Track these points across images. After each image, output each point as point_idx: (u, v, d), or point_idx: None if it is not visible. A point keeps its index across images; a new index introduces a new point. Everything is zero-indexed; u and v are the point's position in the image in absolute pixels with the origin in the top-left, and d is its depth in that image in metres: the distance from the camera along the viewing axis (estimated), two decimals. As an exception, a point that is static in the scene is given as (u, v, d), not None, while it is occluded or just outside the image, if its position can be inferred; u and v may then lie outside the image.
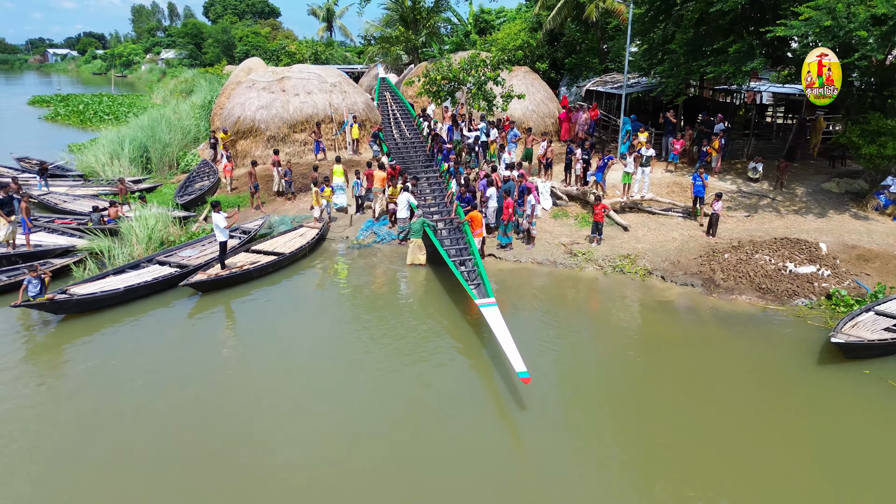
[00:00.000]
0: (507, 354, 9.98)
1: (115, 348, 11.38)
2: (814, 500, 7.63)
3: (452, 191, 17.02)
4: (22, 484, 7.83)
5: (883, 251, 14.72)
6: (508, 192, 16.14)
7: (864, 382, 10.17)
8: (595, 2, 30.55)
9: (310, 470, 8.14)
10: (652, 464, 8.36)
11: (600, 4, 29.99)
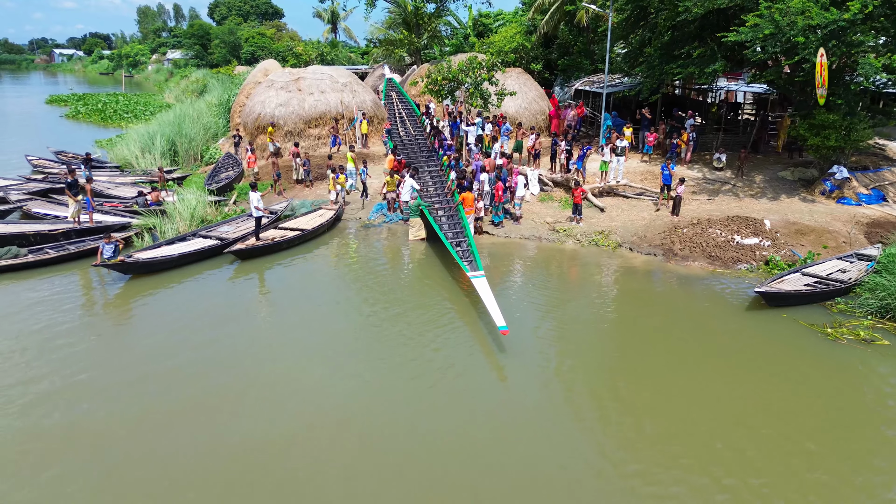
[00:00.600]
0: (491, 312, 12.24)
1: (171, 301, 13.95)
2: (737, 406, 10.08)
3: (451, 181, 19.50)
4: (99, 395, 10.37)
5: (819, 227, 17.26)
6: (500, 178, 18.69)
7: (781, 322, 12.71)
8: (584, 8, 33.12)
9: (329, 398, 10.69)
10: (611, 391, 10.91)
11: (589, 10, 32.49)
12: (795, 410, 9.76)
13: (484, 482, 8.11)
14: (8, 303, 13.59)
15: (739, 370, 10.99)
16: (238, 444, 8.86)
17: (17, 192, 21.05)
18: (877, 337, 11.92)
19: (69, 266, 15.76)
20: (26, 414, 9.49)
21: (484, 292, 13.04)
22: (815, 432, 9.18)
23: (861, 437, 9.13)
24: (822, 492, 7.97)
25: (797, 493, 7.92)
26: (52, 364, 10.95)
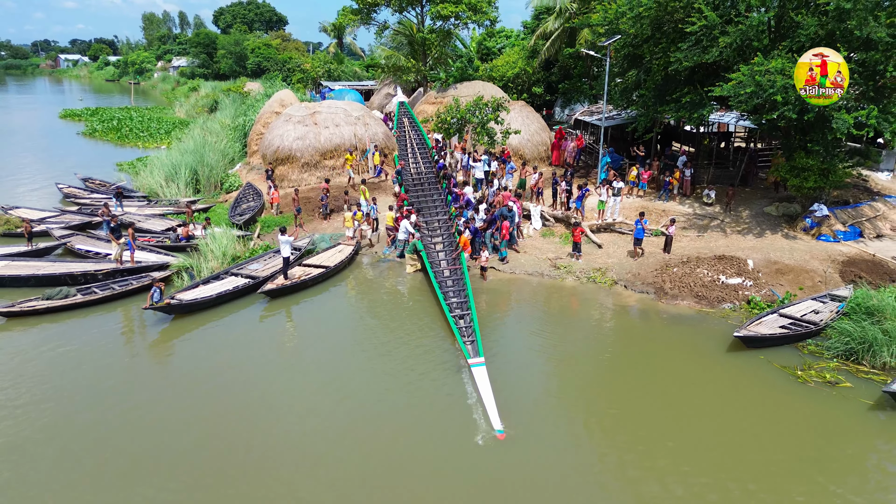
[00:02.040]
0: (487, 410, 12.02)
1: (210, 339, 15.61)
2: (715, 436, 11.71)
3: (459, 242, 19.80)
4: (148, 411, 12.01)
5: (797, 266, 18.87)
6: (505, 217, 20.33)
7: (757, 364, 14.31)
8: (584, 36, 34.75)
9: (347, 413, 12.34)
10: (600, 415, 12.55)
11: (588, 38, 34.05)
12: (751, 447, 11.36)
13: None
14: (66, 339, 15.25)
15: (712, 411, 12.60)
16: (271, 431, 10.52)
17: (56, 225, 22.72)
18: (840, 379, 13.52)
19: (115, 304, 17.40)
20: (114, 419, 11.14)
21: (482, 385, 12.72)
22: (757, 470, 10.75)
23: (794, 481, 10.66)
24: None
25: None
26: (112, 390, 12.61)
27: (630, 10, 22.06)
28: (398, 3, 37.15)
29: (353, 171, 26.95)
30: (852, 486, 10.39)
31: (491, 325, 16.27)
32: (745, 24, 19.07)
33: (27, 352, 14.68)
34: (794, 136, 21.27)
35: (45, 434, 11.57)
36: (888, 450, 11.54)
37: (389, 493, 10.15)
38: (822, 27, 18.45)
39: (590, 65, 38.90)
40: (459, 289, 17.58)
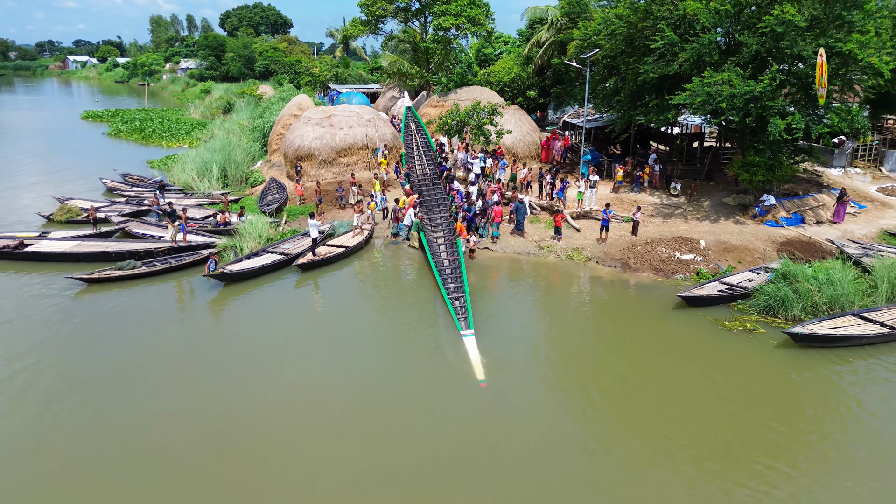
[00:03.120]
0: (473, 366, 14.91)
1: (255, 301, 19.25)
2: (659, 371, 15.33)
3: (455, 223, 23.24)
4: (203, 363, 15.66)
5: (742, 245, 22.50)
6: (518, 209, 23.98)
7: (696, 318, 17.93)
8: (573, 46, 38.31)
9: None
10: (568, 363, 16.19)
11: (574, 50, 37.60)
12: (687, 375, 15.01)
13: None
14: (134, 300, 18.93)
15: (656, 351, 16.25)
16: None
17: (112, 213, 26.38)
18: (758, 328, 17.17)
19: (173, 275, 21.05)
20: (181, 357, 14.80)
21: (471, 349, 15.64)
22: (691, 390, 14.41)
23: (716, 393, 14.34)
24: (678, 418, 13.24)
25: (663, 419, 13.19)
26: (180, 339, 16.28)
27: (605, 29, 25.71)
28: (403, 15, 40.79)
29: (383, 171, 30.06)
30: (756, 393, 14.04)
31: (482, 292, 19.89)
32: (699, 42, 22.71)
33: (105, 308, 18.37)
34: (746, 136, 24.88)
35: (124, 365, 15.26)
36: (780, 369, 15.16)
37: (388, 419, 13.05)
38: (763, 46, 22.08)
39: (579, 72, 42.50)
40: (456, 275, 20.19)
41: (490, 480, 11.27)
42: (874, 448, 12.29)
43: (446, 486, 11.21)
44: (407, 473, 11.47)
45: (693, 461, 11.77)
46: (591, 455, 12.06)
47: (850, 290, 18.01)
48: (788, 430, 12.79)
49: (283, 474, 11.33)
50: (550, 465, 11.69)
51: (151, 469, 11.46)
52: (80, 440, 12.30)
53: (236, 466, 11.53)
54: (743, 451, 12.07)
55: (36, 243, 22.29)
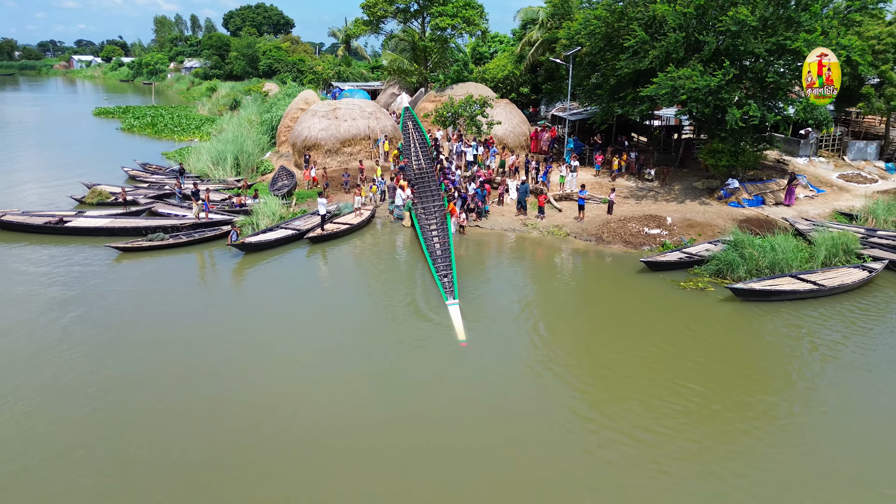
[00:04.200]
0: (455, 328, 16.75)
1: (271, 267, 21.96)
2: (624, 322, 18.06)
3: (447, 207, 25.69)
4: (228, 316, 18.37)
5: (705, 222, 25.20)
6: (490, 185, 26.67)
7: (657, 280, 20.64)
8: (562, 43, 41.00)
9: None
10: (545, 322, 18.89)
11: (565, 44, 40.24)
12: (644, 323, 17.73)
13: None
14: (166, 269, 21.62)
15: (619, 307, 19.01)
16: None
17: (138, 195, 29.12)
18: (708, 287, 19.88)
19: (196, 247, 23.77)
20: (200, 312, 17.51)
21: (455, 315, 17.40)
22: (650, 337, 17.12)
23: (669, 338, 17.05)
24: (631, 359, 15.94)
25: (621, 358, 15.89)
26: (204, 297, 19.00)
27: (584, 28, 28.42)
28: (403, 16, 43.49)
29: (390, 159, 32.70)
30: (697, 335, 16.77)
31: (471, 264, 22.55)
32: (666, 41, 25.41)
33: (137, 273, 21.08)
34: (711, 126, 27.59)
35: (153, 321, 18.00)
36: (720, 317, 17.88)
37: (376, 366, 15.15)
38: (721, 44, 24.80)
39: (568, 69, 45.17)
40: (445, 254, 22.00)
41: (461, 427, 12.81)
42: (782, 370, 15.03)
43: (416, 423, 12.98)
44: (380, 415, 13.15)
45: (642, 391, 14.50)
46: (552, 390, 14.74)
47: (790, 256, 20.74)
48: (715, 361, 15.51)
49: (268, 413, 14.08)
50: (517, 407, 13.53)
51: (161, 396, 14.20)
52: (111, 368, 15.05)
53: (232, 403, 14.27)
54: (677, 377, 14.78)
55: (74, 220, 25.02)
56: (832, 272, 20.45)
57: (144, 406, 13.39)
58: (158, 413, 13.16)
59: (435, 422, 13.06)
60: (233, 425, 12.79)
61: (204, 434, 12.53)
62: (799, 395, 14.22)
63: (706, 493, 10.97)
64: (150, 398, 13.66)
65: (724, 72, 23.94)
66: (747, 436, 12.55)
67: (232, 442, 12.27)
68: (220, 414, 13.16)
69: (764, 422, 13.05)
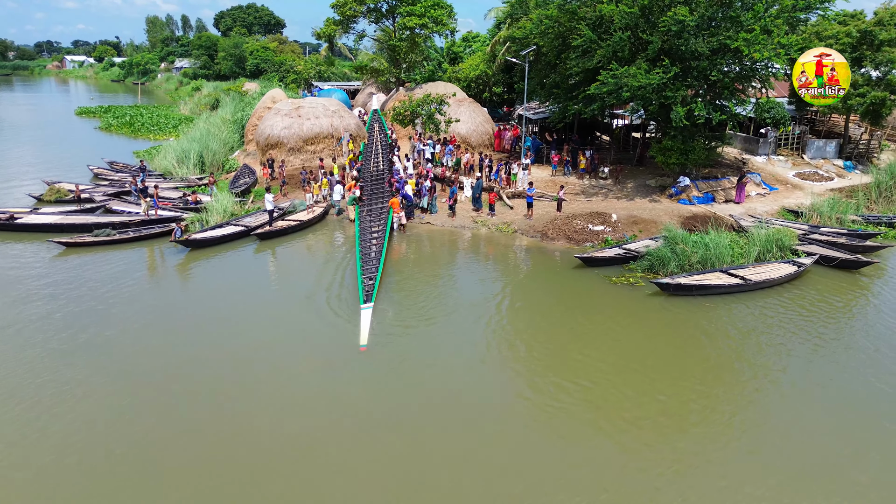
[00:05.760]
0: (361, 331, 16.31)
1: (216, 265, 22.21)
2: (553, 315, 18.34)
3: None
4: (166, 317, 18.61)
5: (650, 219, 25.47)
6: (442, 182, 26.93)
7: (591, 276, 20.90)
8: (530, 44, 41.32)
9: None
10: (490, 315, 19.15)
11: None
12: (566, 318, 18.00)
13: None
14: (110, 264, 21.83)
15: (549, 301, 19.27)
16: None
17: (96, 193, 29.36)
18: (639, 282, 20.16)
19: (144, 243, 24.01)
20: (137, 315, 17.76)
21: (364, 319, 16.89)
22: (576, 329, 17.38)
23: (596, 331, 17.32)
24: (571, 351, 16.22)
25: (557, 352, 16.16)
26: (140, 297, 19.25)
27: (537, 28, 28.71)
28: (372, 15, 43.78)
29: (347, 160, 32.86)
30: (621, 327, 17.04)
31: (408, 261, 22.80)
32: (612, 40, 25.70)
33: (80, 269, 21.32)
34: (663, 124, 27.87)
35: (91, 319, 18.25)
36: (645, 312, 18.14)
37: (273, 366, 14.96)
38: (665, 43, 25.08)
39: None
40: (376, 256, 21.47)
41: (347, 426, 12.75)
42: (697, 362, 15.32)
43: (291, 420, 13.18)
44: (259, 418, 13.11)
45: (565, 379, 14.78)
46: (450, 394, 15.01)
47: (724, 252, 21.02)
48: (629, 355, 15.80)
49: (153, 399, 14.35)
50: (405, 416, 13.24)
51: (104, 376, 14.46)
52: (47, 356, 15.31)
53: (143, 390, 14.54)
54: (588, 372, 15.07)
55: (26, 216, 25.28)
56: (762, 267, 20.74)
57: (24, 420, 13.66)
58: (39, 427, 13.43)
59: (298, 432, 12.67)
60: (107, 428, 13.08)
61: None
62: (714, 388, 14.48)
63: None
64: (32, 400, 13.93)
65: (664, 69, 24.22)
66: (661, 430, 12.84)
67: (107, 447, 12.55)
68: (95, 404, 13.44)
69: (677, 416, 13.33)
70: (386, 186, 27.85)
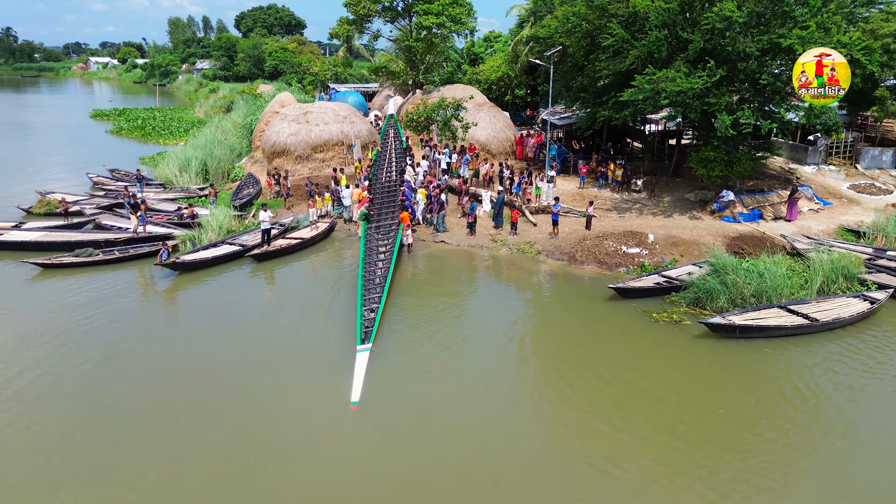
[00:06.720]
0: (354, 383, 13.82)
1: (202, 293, 19.91)
2: (582, 355, 15.76)
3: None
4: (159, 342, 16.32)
5: (691, 240, 22.69)
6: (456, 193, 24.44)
7: (626, 309, 18.21)
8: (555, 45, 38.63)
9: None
10: (505, 347, 16.61)
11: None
12: (605, 360, 15.38)
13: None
14: (89, 288, 19.69)
15: (585, 344, 16.64)
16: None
17: (88, 205, 27.33)
18: (683, 319, 17.44)
19: (131, 264, 21.84)
20: (114, 349, 15.51)
21: (359, 367, 14.48)
22: (609, 371, 14.78)
23: (630, 376, 14.69)
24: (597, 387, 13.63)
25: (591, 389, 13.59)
26: (121, 328, 17.01)
27: (562, 27, 26.04)
28: (388, 14, 41.40)
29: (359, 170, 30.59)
30: (668, 381, 14.38)
31: (415, 287, 20.24)
32: (648, 40, 22.95)
33: (52, 296, 19.17)
34: (704, 132, 25.03)
35: (71, 345, 16.02)
36: (694, 360, 15.45)
37: (237, 438, 12.23)
38: (708, 42, 22.27)
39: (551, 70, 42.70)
40: (380, 283, 19.12)
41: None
42: (753, 428, 12.60)
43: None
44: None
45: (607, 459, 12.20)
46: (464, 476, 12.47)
47: (780, 283, 18.19)
48: (678, 411, 13.13)
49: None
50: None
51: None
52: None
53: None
54: (637, 432, 12.44)
55: (5, 233, 23.26)
56: (828, 302, 17.89)
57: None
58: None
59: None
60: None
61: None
62: (775, 460, 11.79)
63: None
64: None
65: (709, 73, 21.43)
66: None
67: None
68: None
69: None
70: (399, 200, 25.33)
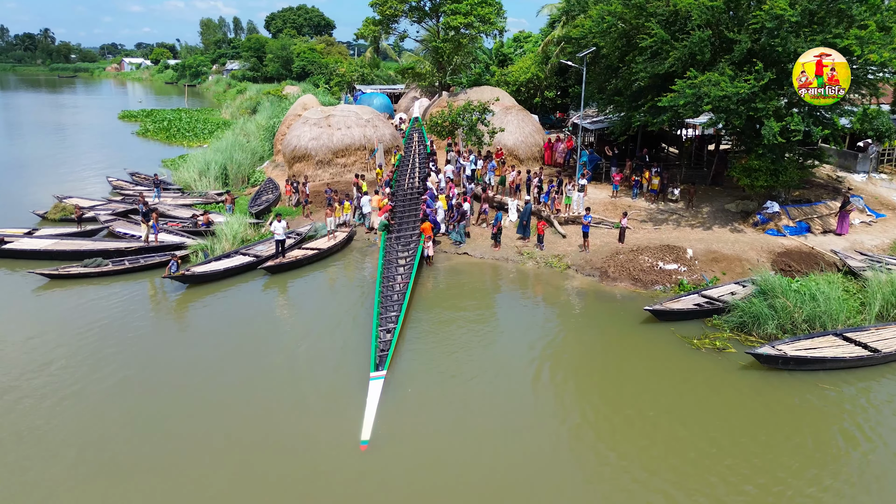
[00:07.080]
0: (364, 419, 12.56)
1: (211, 309, 18.91)
2: (616, 384, 14.39)
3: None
4: (167, 355, 15.32)
5: (733, 255, 21.07)
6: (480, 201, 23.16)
7: (664, 334, 16.71)
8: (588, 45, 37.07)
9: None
10: (530, 372, 15.28)
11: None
12: (640, 392, 13.95)
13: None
14: (97, 298, 18.85)
15: (619, 374, 15.20)
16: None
17: (104, 212, 26.64)
18: (728, 346, 15.90)
19: (141, 275, 20.98)
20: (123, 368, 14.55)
21: (371, 398, 13.27)
22: (643, 403, 13.37)
23: (667, 410, 13.26)
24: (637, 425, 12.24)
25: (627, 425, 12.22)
26: (121, 351, 16.07)
27: (597, 27, 24.56)
28: (415, 14, 40.26)
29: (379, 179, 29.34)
30: (712, 413, 12.93)
31: (434, 304, 18.86)
32: (690, 40, 21.37)
33: (56, 308, 18.37)
34: (747, 139, 23.35)
35: (79, 358, 15.11)
36: (737, 393, 13.93)
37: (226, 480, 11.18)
38: (756, 43, 20.62)
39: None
40: (397, 301, 17.93)
41: None
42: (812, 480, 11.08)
43: None
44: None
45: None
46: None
47: (835, 306, 16.52)
48: (714, 453, 11.66)
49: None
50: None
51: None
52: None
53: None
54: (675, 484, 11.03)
55: (16, 241, 22.58)
56: (889, 329, 16.18)
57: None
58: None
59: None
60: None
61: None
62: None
63: None
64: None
65: (756, 76, 19.79)
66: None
67: None
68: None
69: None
70: (422, 209, 24.09)
